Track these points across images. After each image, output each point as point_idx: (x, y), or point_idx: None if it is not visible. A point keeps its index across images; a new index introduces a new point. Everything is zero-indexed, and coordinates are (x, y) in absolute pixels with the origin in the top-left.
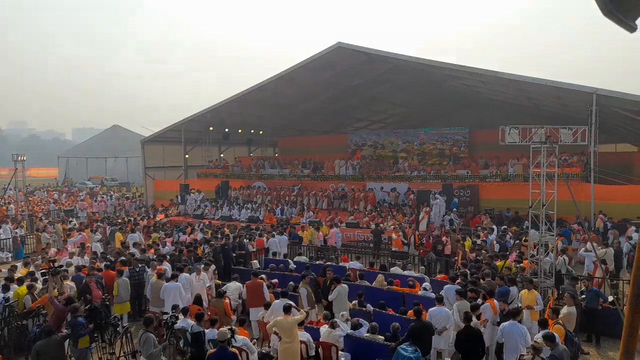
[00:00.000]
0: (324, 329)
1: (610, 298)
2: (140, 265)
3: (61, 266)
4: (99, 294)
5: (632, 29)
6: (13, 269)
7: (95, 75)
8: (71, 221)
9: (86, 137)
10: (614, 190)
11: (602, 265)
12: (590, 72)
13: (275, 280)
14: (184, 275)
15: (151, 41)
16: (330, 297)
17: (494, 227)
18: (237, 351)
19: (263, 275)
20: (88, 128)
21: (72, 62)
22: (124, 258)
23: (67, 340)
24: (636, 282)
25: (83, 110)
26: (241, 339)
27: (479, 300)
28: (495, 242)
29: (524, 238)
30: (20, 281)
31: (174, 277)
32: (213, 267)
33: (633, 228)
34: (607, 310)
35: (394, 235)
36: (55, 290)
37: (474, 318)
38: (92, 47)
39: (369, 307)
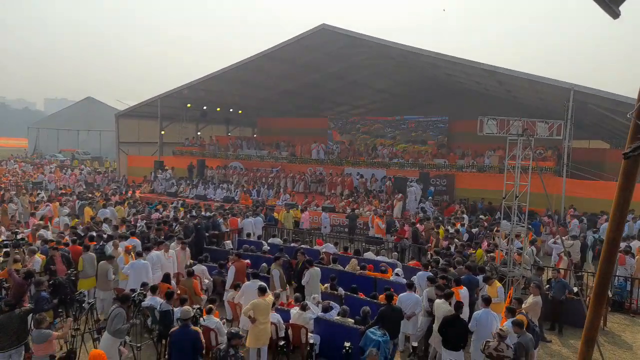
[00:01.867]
0: (295, 311)
1: (575, 289)
2: (102, 243)
3: (23, 239)
4: (63, 269)
5: (615, 14)
6: None
7: (71, 41)
8: (39, 193)
9: (58, 108)
10: (585, 185)
11: (567, 257)
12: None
13: (247, 261)
14: (155, 253)
15: (131, 9)
16: (303, 281)
17: (465, 216)
18: (199, 330)
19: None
20: (61, 99)
21: (47, 27)
22: (93, 234)
23: (30, 314)
24: (601, 275)
25: (56, 80)
26: (215, 321)
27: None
28: (464, 231)
29: (495, 228)
30: None
31: (140, 254)
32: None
33: (605, 217)
34: (571, 300)
35: (379, 223)
36: (19, 263)
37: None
38: (67, 10)
39: (341, 291)
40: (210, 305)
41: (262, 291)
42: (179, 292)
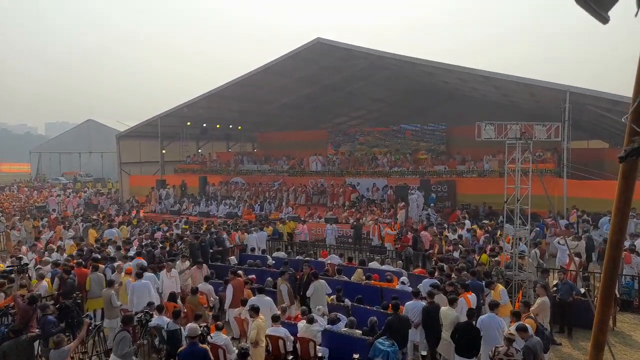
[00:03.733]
0: (302, 324)
1: (582, 290)
2: (108, 264)
3: (27, 264)
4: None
5: (604, 20)
6: None
7: (69, 67)
8: (43, 218)
9: (60, 132)
10: (585, 186)
11: (577, 259)
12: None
13: (252, 276)
14: (149, 274)
15: (126, 32)
16: (307, 293)
17: (467, 221)
18: (207, 347)
19: (240, 272)
20: (61, 122)
21: (44, 54)
22: (97, 256)
23: (38, 340)
24: (606, 278)
25: (56, 104)
26: (224, 337)
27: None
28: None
29: (499, 232)
30: None
31: (139, 275)
32: (187, 263)
33: (607, 218)
34: (579, 302)
35: (388, 230)
36: (25, 289)
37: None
38: (64, 38)
39: (347, 302)
40: (219, 322)
41: (256, 312)
42: (185, 310)
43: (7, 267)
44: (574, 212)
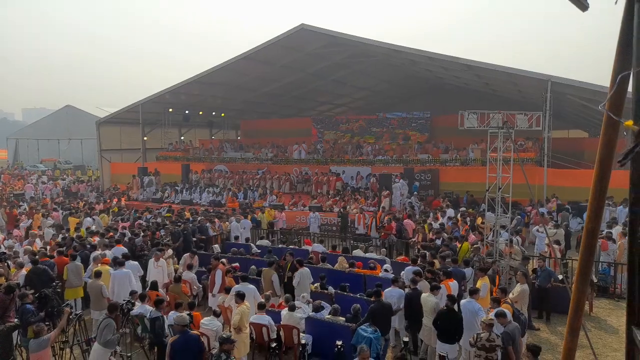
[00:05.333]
0: (284, 311)
1: (560, 276)
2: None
3: (4, 253)
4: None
5: (583, 7)
6: None
7: (46, 50)
8: (21, 205)
9: (37, 118)
10: (565, 174)
11: (556, 246)
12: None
13: (235, 265)
14: (131, 263)
15: (108, 15)
16: (294, 283)
17: (450, 210)
18: (198, 333)
19: (224, 260)
20: (39, 108)
21: (21, 37)
22: (76, 244)
23: (16, 330)
24: (582, 264)
25: (33, 90)
26: (218, 324)
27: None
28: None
29: (480, 220)
30: None
31: (121, 264)
32: (170, 251)
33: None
34: (557, 288)
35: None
36: (2, 277)
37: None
38: (41, 20)
39: (331, 290)
40: (215, 309)
41: (241, 298)
42: (168, 299)
43: None
44: (554, 201)
